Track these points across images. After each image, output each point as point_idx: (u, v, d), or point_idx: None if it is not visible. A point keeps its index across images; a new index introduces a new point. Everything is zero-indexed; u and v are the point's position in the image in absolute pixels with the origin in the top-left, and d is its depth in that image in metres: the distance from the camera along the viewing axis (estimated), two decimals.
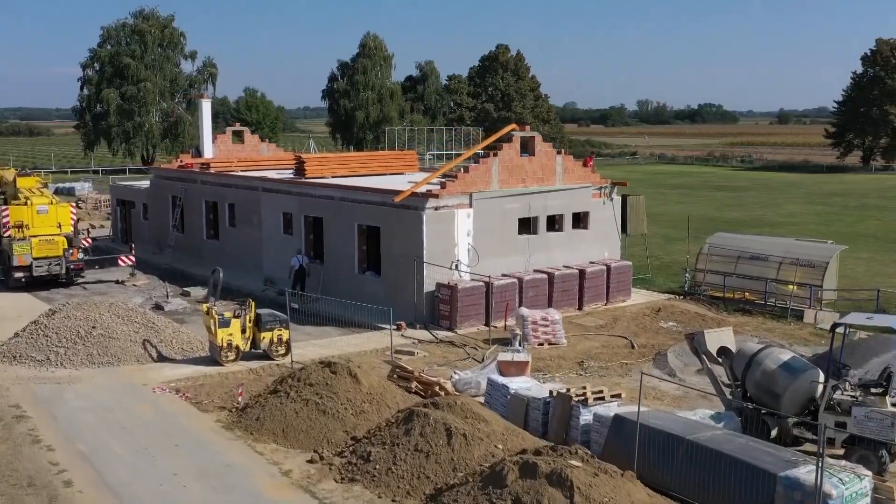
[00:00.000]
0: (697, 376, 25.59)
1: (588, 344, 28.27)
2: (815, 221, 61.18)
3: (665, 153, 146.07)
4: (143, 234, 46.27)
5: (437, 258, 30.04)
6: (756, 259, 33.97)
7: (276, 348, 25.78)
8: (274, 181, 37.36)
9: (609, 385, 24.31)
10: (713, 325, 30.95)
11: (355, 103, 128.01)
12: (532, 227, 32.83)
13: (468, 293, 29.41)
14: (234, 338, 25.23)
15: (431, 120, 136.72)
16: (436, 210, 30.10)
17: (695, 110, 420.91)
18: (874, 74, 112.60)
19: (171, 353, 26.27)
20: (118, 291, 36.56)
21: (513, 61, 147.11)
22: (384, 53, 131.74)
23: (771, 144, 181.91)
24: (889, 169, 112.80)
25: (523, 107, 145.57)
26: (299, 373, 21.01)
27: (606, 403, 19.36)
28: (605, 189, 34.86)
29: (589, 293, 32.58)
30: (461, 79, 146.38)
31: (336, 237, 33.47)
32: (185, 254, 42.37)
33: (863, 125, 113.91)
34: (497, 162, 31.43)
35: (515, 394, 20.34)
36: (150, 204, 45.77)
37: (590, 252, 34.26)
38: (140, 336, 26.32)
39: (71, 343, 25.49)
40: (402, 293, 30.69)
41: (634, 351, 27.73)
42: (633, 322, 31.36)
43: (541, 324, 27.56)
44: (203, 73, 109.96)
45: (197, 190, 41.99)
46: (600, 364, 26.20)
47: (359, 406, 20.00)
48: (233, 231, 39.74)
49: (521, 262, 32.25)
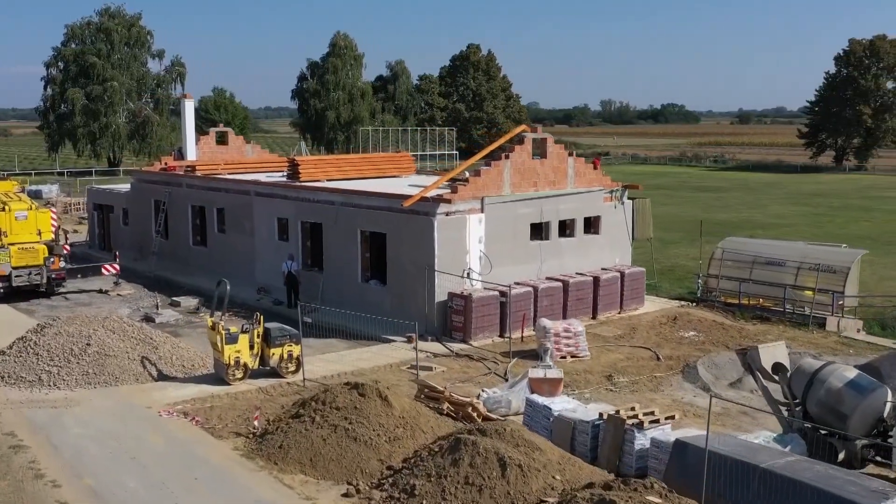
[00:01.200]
0: (731, 390, 24.38)
1: (612, 356, 26.90)
2: (806, 223, 60.47)
3: (637, 153, 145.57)
4: (124, 240, 44.21)
5: (448, 266, 28.53)
6: (772, 264, 32.82)
7: (286, 365, 24.10)
8: (268, 185, 35.61)
9: (643, 401, 23.03)
10: (734, 334, 29.87)
11: (326, 103, 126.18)
12: (544, 233, 31.42)
13: (483, 303, 27.92)
14: (242, 355, 23.53)
15: (402, 120, 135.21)
16: (447, 216, 28.58)
17: (658, 110, 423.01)
18: (847, 74, 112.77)
19: (171, 371, 24.50)
20: (103, 302, 34.61)
21: (484, 61, 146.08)
22: (355, 53, 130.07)
23: (738, 144, 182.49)
24: (862, 169, 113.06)
25: (495, 107, 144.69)
26: (324, 395, 19.38)
27: (661, 426, 17.96)
28: (616, 192, 33.55)
29: (603, 301, 31.25)
30: (432, 78, 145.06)
31: (337, 244, 31.83)
32: (169, 261, 40.43)
33: (836, 125, 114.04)
34: (509, 165, 29.98)
35: (560, 416, 18.88)
36: (130, 208, 43.74)
37: (601, 258, 32.93)
38: (137, 353, 24.52)
39: (64, 362, 23.62)
40: (411, 303, 29.13)
41: (661, 363, 26.40)
42: (651, 331, 30.06)
43: (563, 336, 26.14)
44: (171, 72, 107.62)
45: (182, 194, 40.08)
46: (629, 378, 24.84)
47: (392, 431, 18.42)
48: (222, 237, 37.91)
49: (533, 270, 30.83)
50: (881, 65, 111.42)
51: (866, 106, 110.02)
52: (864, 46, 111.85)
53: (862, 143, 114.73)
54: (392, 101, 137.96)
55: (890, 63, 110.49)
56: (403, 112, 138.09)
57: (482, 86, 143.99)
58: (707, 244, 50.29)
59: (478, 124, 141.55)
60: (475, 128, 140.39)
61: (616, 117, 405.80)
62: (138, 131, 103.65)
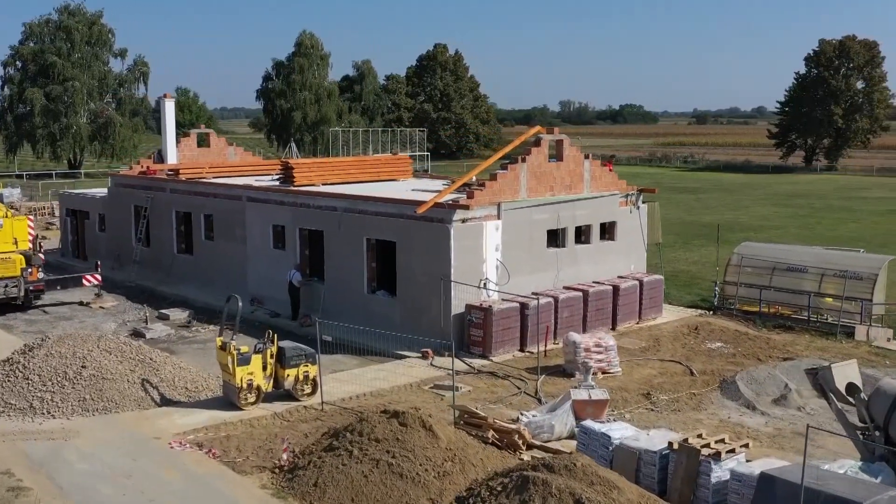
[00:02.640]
0: (776, 407, 22.90)
1: (644, 372, 25.34)
2: (794, 225, 59.59)
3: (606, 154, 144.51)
4: (100, 247, 41.86)
5: (463, 276, 26.79)
6: (793, 271, 31.50)
7: (302, 387, 22.21)
8: (261, 189, 33.58)
9: (688, 422, 21.58)
10: (762, 345, 28.50)
11: (292, 103, 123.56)
12: (560, 240, 29.81)
13: (503, 315, 26.23)
14: (255, 377, 21.58)
15: (370, 121, 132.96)
16: (463, 223, 26.84)
17: (617, 111, 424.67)
18: (818, 75, 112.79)
19: (174, 394, 22.49)
20: (85, 316, 32.40)
21: (451, 61, 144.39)
22: (321, 52, 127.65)
23: (702, 144, 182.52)
24: (833, 169, 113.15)
25: (462, 107, 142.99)
26: (359, 425, 17.54)
27: (736, 456, 16.39)
28: (632, 196, 32.04)
29: (622, 311, 29.72)
30: (399, 78, 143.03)
31: (339, 252, 29.94)
32: (151, 270, 38.22)
33: (806, 125, 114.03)
34: (525, 168, 28.32)
35: (621, 445, 17.23)
36: (108, 214, 41.38)
37: (617, 265, 31.39)
38: (137, 375, 22.46)
39: (58, 387, 21.50)
40: (424, 316, 27.36)
41: (696, 378, 24.89)
42: (675, 343, 28.57)
43: (594, 350, 24.52)
44: (134, 71, 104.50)
45: (165, 199, 37.87)
46: (668, 396, 23.28)
47: (440, 466, 16.65)
48: (210, 245, 35.78)
49: (550, 279, 29.21)
50: (851, 65, 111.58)
51: (837, 106, 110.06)
52: (834, 47, 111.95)
53: (832, 143, 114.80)
54: (359, 102, 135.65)
55: (860, 63, 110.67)
56: (370, 113, 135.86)
57: (450, 86, 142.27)
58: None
59: (446, 125, 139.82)
60: (443, 128, 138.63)
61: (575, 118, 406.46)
62: (100, 132, 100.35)
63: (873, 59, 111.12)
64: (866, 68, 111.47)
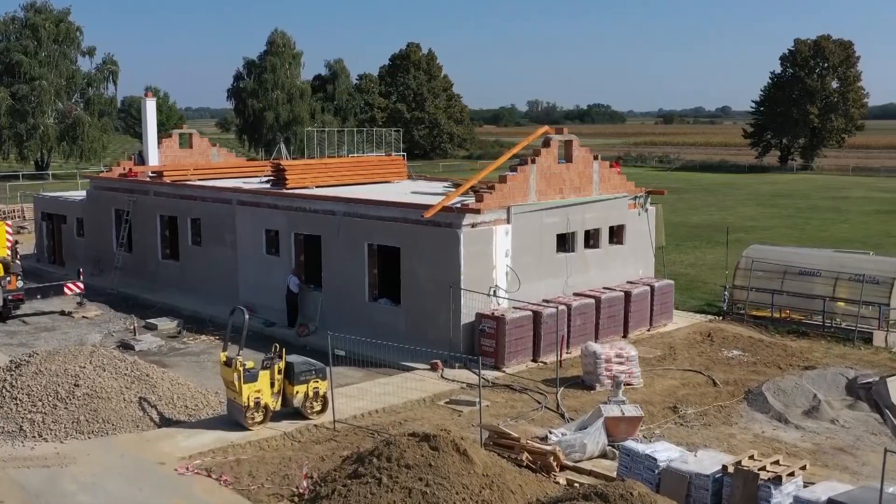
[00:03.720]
0: (809, 420, 21.83)
1: (665, 383, 24.21)
2: (784, 226, 58.92)
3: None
4: (78, 252, 40.14)
5: (473, 284, 25.53)
6: (806, 274, 30.56)
7: (312, 404, 20.83)
8: (253, 192, 32.09)
9: (722, 437, 20.49)
10: (779, 352, 27.54)
11: (264, 103, 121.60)
12: (569, 244, 28.65)
13: (516, 325, 24.99)
14: (263, 395, 20.17)
15: (343, 121, 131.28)
16: (472, 227, 25.58)
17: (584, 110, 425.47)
18: (793, 74, 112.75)
19: (174, 413, 21.04)
20: (68, 326, 30.76)
21: (424, 60, 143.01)
22: (293, 51, 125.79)
23: (675, 144, 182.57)
24: (808, 168, 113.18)
25: (436, 107, 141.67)
26: (386, 450, 16.19)
27: (795, 479, 15.28)
28: (640, 199, 30.96)
29: (634, 318, 28.61)
30: (372, 78, 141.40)
31: (339, 259, 28.56)
32: (134, 277, 36.59)
33: (781, 125, 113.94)
34: (535, 170, 27.12)
35: (669, 468, 16.05)
36: (86, 218, 39.66)
37: (625, 270, 30.30)
38: (133, 393, 20.98)
39: (49, 407, 19.97)
40: (431, 325, 26.07)
41: (720, 389, 23.81)
42: (691, 351, 27.50)
43: (615, 361, 23.35)
44: (102, 70, 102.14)
45: (148, 202, 36.24)
46: (695, 409, 22.15)
47: (477, 494, 15.33)
48: (197, 251, 34.22)
49: (559, 285, 28.04)
50: (826, 65, 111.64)
51: (813, 106, 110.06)
52: (809, 46, 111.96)
53: (807, 142, 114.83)
54: (331, 102, 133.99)
55: (835, 63, 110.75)
56: (343, 113, 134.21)
57: (423, 85, 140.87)
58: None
59: (419, 125, 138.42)
60: (417, 128, 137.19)
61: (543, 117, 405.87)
62: (68, 132, 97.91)
63: (848, 58, 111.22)
64: (841, 68, 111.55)
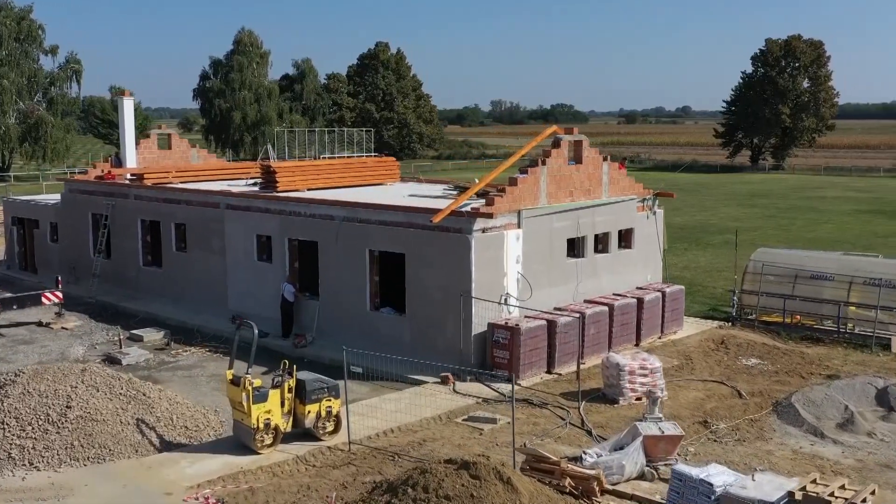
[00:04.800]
0: (844, 433, 20.81)
1: (690, 395, 23.07)
2: (770, 227, 58.27)
3: None
4: (52, 259, 38.29)
5: (484, 292, 24.25)
6: (818, 279, 29.65)
7: (324, 424, 19.43)
8: (243, 196, 30.53)
9: (760, 454, 19.38)
10: (798, 360, 26.62)
11: (231, 103, 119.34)
12: (579, 249, 27.46)
13: (531, 335, 23.74)
14: (273, 416, 18.72)
15: (311, 121, 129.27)
16: (483, 232, 24.29)
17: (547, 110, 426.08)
18: (765, 74, 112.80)
19: (174, 436, 19.53)
20: (47, 338, 29.02)
21: (393, 60, 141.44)
22: (260, 50, 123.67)
23: (642, 144, 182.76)
24: (780, 168, 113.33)
25: (406, 106, 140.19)
26: (422, 479, 14.86)
27: None
28: (648, 201, 29.88)
29: (645, 325, 27.50)
30: (341, 77, 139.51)
31: (337, 265, 27.13)
32: (113, 284, 34.83)
33: (753, 124, 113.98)
34: (545, 172, 25.89)
35: (728, 494, 14.86)
36: (61, 223, 37.80)
37: (634, 276, 29.20)
38: (130, 414, 19.44)
39: (40, 432, 18.37)
40: (440, 336, 24.75)
41: (747, 401, 22.72)
42: (708, 360, 26.43)
43: (639, 373, 22.18)
44: (66, 69, 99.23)
45: (129, 206, 34.51)
46: (727, 424, 21.03)
47: None
48: (182, 257, 32.57)
49: (570, 292, 26.85)
50: (797, 64, 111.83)
51: (785, 105, 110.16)
52: (780, 46, 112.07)
53: (779, 142, 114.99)
54: (299, 101, 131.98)
55: (806, 63, 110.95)
56: (312, 112, 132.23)
57: (392, 85, 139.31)
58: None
59: (389, 125, 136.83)
60: (386, 128, 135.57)
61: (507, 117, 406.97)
62: (30, 133, 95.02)
63: (819, 58, 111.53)
64: (811, 67, 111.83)
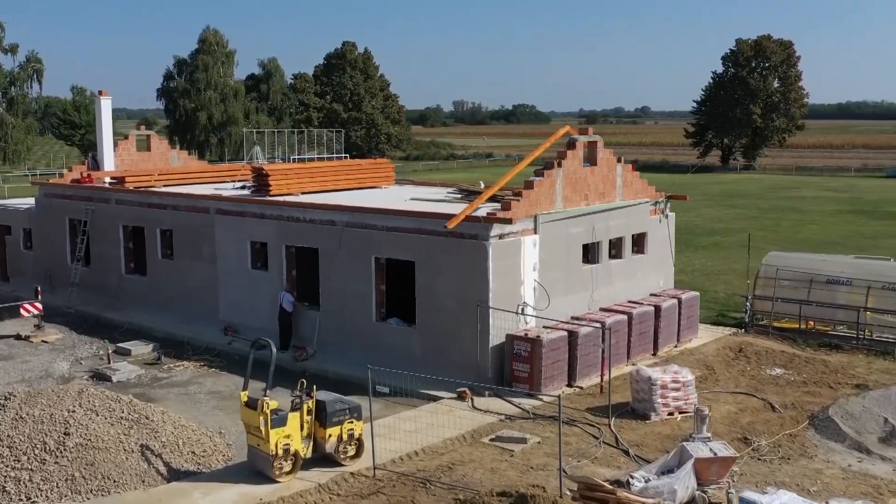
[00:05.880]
0: (890, 449, 19.80)
1: (722, 409, 21.91)
2: (755, 227, 57.36)
3: (522, 154, 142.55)
4: (25, 267, 36.39)
5: (501, 301, 22.94)
6: (834, 283, 28.76)
7: (345, 448, 18.00)
8: (236, 200, 28.94)
9: (809, 474, 18.32)
10: (822, 368, 25.64)
11: (196, 103, 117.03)
12: (594, 255, 26.26)
13: (553, 347, 22.48)
14: (293, 441, 17.25)
15: (277, 121, 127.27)
16: (500, 239, 22.99)
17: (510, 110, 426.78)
18: (736, 74, 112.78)
19: (182, 463, 18.02)
20: (27, 353, 27.28)
21: (361, 59, 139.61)
22: (225, 49, 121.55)
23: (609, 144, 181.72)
24: (751, 168, 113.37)
25: (373, 107, 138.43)
26: None
27: None
28: (660, 204, 28.77)
29: (662, 334, 26.38)
30: (308, 77, 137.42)
31: (340, 274, 25.68)
32: (93, 293, 33.05)
33: (723, 124, 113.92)
34: (561, 175, 24.66)
35: None
36: (36, 229, 35.91)
37: (647, 282, 28.07)
38: (134, 441, 17.89)
39: (37, 462, 16.78)
40: (454, 349, 23.41)
41: (782, 415, 21.65)
42: (731, 370, 25.35)
43: (671, 387, 21.01)
44: (26, 69, 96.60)
45: (110, 212, 32.73)
46: (767, 441, 19.92)
47: None
48: (169, 265, 30.89)
49: (585, 299, 25.64)
50: (767, 64, 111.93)
51: (756, 105, 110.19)
52: (751, 46, 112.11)
53: (749, 142, 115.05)
54: (265, 101, 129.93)
55: (776, 63, 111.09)
56: (278, 113, 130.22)
57: (360, 85, 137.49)
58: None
59: (356, 125, 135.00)
60: (354, 129, 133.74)
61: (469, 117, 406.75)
62: None
63: (789, 58, 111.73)
64: (781, 67, 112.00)
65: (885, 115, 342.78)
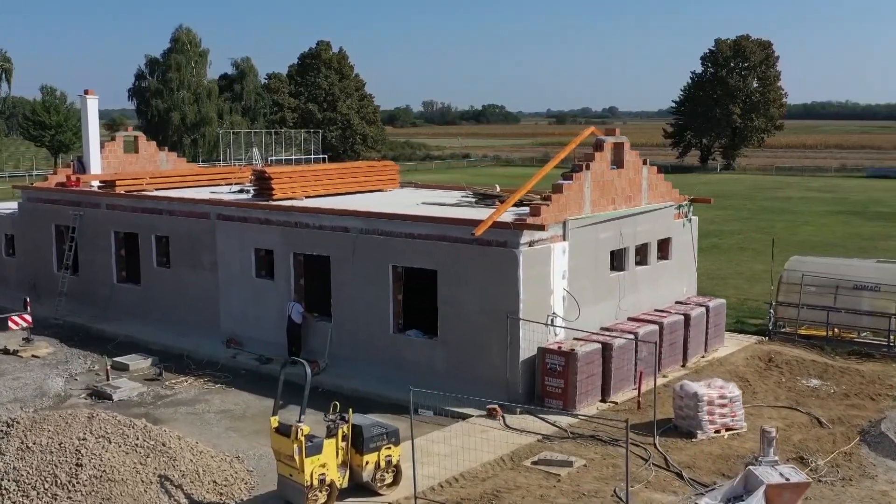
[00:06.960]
0: None
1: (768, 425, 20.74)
2: (750, 229, 56.83)
3: (499, 154, 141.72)
4: (8, 275, 34.63)
5: (530, 312, 21.64)
6: (862, 289, 27.76)
7: (383, 476, 16.60)
8: (239, 206, 27.39)
9: (877, 497, 17.15)
10: (858, 379, 24.66)
11: (169, 103, 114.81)
12: (621, 262, 25.05)
13: (587, 360, 21.21)
14: (329, 470, 15.82)
15: (251, 122, 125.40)
16: (530, 246, 21.69)
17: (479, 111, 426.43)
18: (715, 74, 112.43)
19: (202, 494, 16.53)
20: (18, 369, 25.63)
21: (336, 59, 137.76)
22: (199, 49, 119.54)
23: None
24: (730, 168, 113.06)
25: (349, 107, 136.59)
26: None
27: None
28: (684, 208, 27.65)
29: (691, 344, 25.21)
30: (282, 77, 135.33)
31: (354, 283, 24.24)
32: (82, 303, 31.37)
33: (702, 124, 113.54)
34: (589, 178, 23.41)
35: None
36: (19, 235, 34.13)
37: (671, 289, 26.92)
38: (151, 471, 16.37)
39: (48, 497, 15.23)
40: (481, 363, 22.07)
41: (833, 431, 20.53)
42: (766, 381, 24.24)
43: (718, 404, 19.84)
44: None
45: (100, 217, 31.05)
46: (824, 460, 18.78)
47: None
48: (165, 273, 29.28)
49: (612, 308, 24.41)
50: (746, 64, 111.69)
51: (735, 105, 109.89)
52: (730, 46, 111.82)
53: (729, 142, 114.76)
54: (239, 101, 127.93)
55: (755, 63, 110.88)
56: (252, 113, 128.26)
57: (335, 85, 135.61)
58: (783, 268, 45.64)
59: (332, 125, 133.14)
60: (329, 129, 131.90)
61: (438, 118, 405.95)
62: None
63: (768, 58, 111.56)
64: (760, 67, 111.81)
65: (848, 116, 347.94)
